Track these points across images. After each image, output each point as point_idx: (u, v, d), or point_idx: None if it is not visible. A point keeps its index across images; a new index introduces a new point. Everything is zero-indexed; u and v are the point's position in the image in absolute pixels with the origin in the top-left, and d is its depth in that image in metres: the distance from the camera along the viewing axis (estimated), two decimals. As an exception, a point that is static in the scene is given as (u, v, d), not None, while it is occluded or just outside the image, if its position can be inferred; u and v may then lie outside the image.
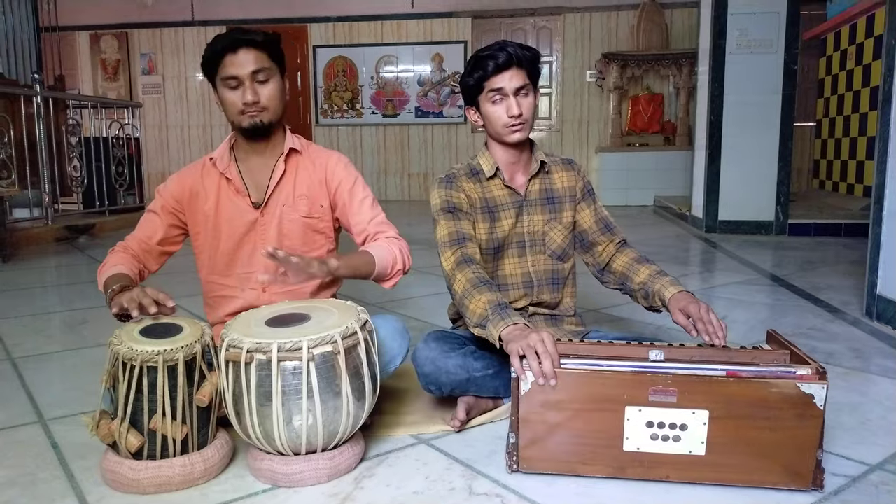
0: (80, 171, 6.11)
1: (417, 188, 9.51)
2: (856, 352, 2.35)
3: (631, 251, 1.88)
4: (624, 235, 1.92)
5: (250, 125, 1.69)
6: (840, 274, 3.77)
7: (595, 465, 1.40)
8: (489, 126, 1.80)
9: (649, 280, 1.77)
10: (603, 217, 1.92)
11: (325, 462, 1.42)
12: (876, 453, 1.54)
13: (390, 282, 1.75)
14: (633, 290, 1.82)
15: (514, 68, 1.72)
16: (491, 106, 1.76)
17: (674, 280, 1.74)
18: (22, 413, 1.86)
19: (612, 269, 1.88)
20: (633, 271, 1.82)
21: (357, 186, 1.81)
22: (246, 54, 1.63)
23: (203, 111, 9.83)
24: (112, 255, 1.73)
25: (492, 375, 1.70)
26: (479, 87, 1.76)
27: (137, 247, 1.76)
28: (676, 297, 1.68)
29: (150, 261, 1.78)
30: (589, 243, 1.92)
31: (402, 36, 9.31)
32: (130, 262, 1.71)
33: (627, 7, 8.73)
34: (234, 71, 1.64)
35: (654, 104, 8.64)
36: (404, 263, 1.74)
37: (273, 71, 1.68)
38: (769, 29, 5.30)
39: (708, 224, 5.58)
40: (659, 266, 1.82)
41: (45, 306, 3.32)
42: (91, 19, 9.79)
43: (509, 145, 1.82)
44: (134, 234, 1.78)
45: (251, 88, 1.65)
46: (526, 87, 1.74)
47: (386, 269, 1.70)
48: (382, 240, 1.74)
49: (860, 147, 6.49)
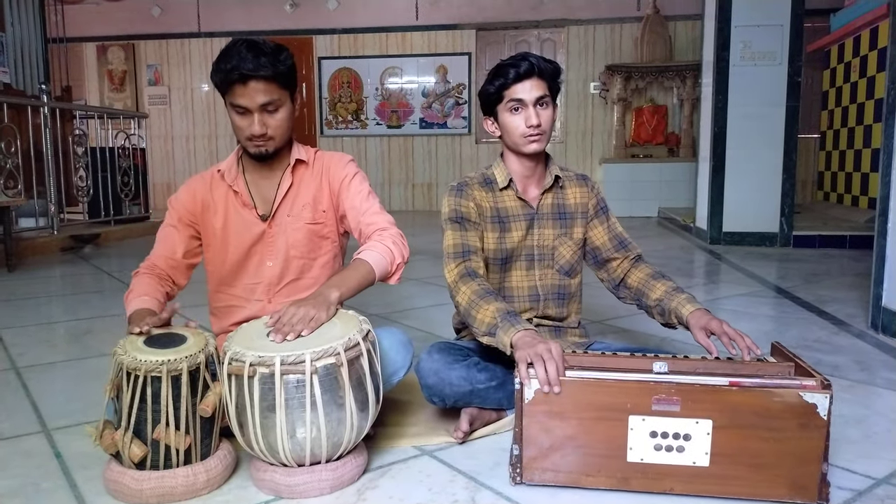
0: (85, 181, 6.14)
1: (421, 198, 9.53)
2: (861, 364, 2.34)
3: (646, 267, 1.87)
4: (639, 251, 1.91)
5: (256, 153, 1.70)
6: (845, 286, 3.76)
7: (599, 476, 1.39)
8: (506, 136, 1.79)
9: (665, 297, 1.76)
10: (617, 234, 1.92)
11: (329, 473, 1.42)
12: (882, 467, 1.53)
13: (394, 278, 1.71)
14: (650, 306, 1.81)
15: (534, 78, 1.72)
16: (510, 115, 1.75)
17: (690, 297, 1.73)
18: (26, 423, 1.86)
19: (628, 284, 1.88)
20: (648, 287, 1.81)
21: (355, 180, 1.78)
22: (256, 85, 1.60)
23: (208, 122, 9.88)
24: (137, 281, 1.71)
25: (495, 387, 1.70)
26: (499, 96, 1.75)
27: (164, 264, 1.76)
28: (695, 314, 1.66)
29: (179, 276, 1.79)
30: (603, 260, 1.91)
31: (406, 48, 9.37)
32: (156, 288, 1.70)
33: (631, 19, 8.77)
34: (243, 102, 1.62)
35: (657, 116, 8.66)
36: (402, 255, 1.69)
37: (283, 99, 1.66)
38: (773, 41, 5.32)
39: (712, 236, 5.58)
40: (675, 282, 1.81)
41: (50, 316, 3.33)
42: (98, 31, 9.88)
43: (525, 156, 1.81)
44: (157, 252, 1.78)
45: (259, 121, 1.63)
46: (545, 99, 1.74)
47: (386, 270, 1.66)
48: (374, 237, 1.69)
49: (865, 159, 6.49)
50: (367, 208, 1.75)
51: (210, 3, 9.64)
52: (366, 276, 1.61)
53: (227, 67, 1.59)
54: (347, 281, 1.57)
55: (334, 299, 1.51)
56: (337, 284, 1.55)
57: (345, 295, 1.55)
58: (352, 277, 1.58)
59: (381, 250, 1.66)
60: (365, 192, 1.78)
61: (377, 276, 1.64)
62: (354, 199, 1.77)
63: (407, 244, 1.73)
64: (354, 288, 1.58)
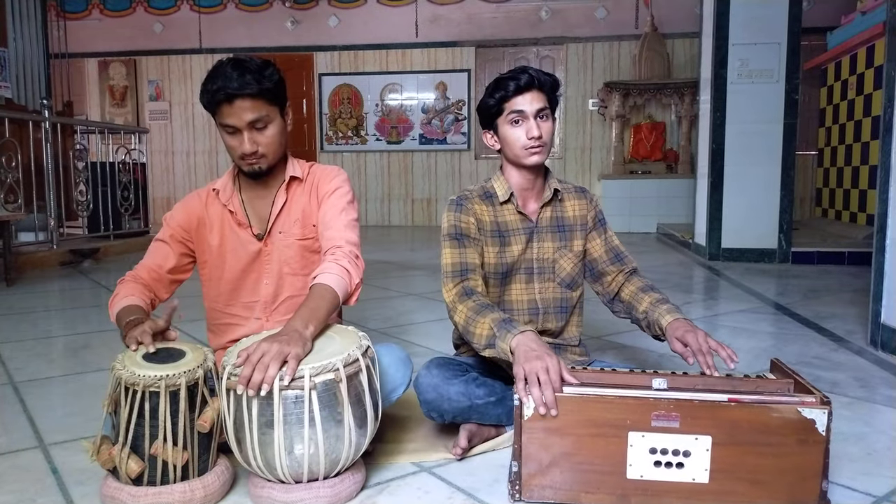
0: (85, 196, 6.15)
1: (421, 214, 9.55)
2: (860, 381, 2.34)
3: (638, 280, 1.87)
4: (635, 265, 1.91)
5: (250, 171, 1.69)
6: (844, 303, 3.76)
7: (598, 493, 1.38)
8: (507, 149, 1.79)
9: (650, 308, 1.76)
10: (613, 247, 1.92)
11: (327, 490, 1.41)
12: (882, 485, 1.53)
13: (352, 299, 1.65)
14: (638, 319, 1.81)
15: (535, 90, 1.73)
16: (510, 128, 1.75)
17: (672, 308, 1.73)
18: (23, 438, 1.85)
19: (621, 298, 1.88)
20: (636, 300, 1.81)
21: (336, 194, 1.75)
22: (242, 103, 1.58)
23: (208, 137, 9.92)
24: (122, 287, 1.70)
25: (494, 402, 1.69)
26: (500, 109, 1.75)
27: (148, 275, 1.74)
28: (673, 324, 1.68)
29: (161, 289, 1.77)
30: (598, 273, 1.91)
31: (406, 64, 9.43)
32: (141, 293, 1.69)
33: (629, 37, 8.84)
34: (231, 121, 1.61)
35: (656, 132, 8.70)
36: (359, 275, 1.63)
37: (272, 115, 1.64)
38: (770, 59, 5.36)
39: (711, 252, 5.58)
40: (662, 294, 1.81)
41: (48, 330, 3.32)
42: (100, 46, 9.94)
43: (526, 169, 1.81)
44: (144, 263, 1.77)
45: (249, 139, 1.62)
46: (545, 111, 1.74)
47: (346, 291, 1.60)
48: (328, 256, 1.64)
49: (862, 176, 6.51)
50: (334, 223, 1.71)
51: (211, 19, 9.72)
52: (332, 302, 1.54)
53: (213, 88, 1.58)
54: (317, 312, 1.50)
55: (309, 335, 1.44)
56: (307, 318, 1.47)
57: (318, 328, 1.48)
58: (321, 308, 1.51)
59: (339, 272, 1.59)
60: (339, 207, 1.73)
61: (341, 300, 1.58)
62: (327, 212, 1.73)
63: (362, 263, 1.67)
64: (324, 318, 1.51)
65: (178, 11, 9.81)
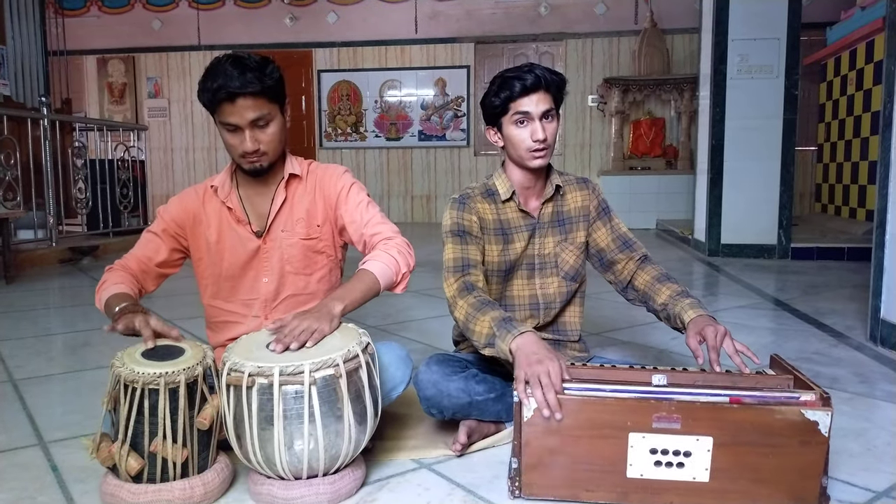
0: (84, 193, 6.14)
1: (420, 210, 9.55)
2: (860, 377, 2.34)
3: (652, 268, 1.84)
4: (644, 251, 1.89)
5: (251, 169, 1.69)
6: (844, 298, 3.76)
7: (598, 491, 1.38)
8: (511, 148, 1.77)
9: (670, 301, 1.73)
10: (621, 234, 1.89)
11: (326, 487, 1.41)
12: (882, 480, 1.53)
13: (399, 287, 1.68)
14: (656, 310, 1.79)
15: (541, 91, 1.70)
16: (515, 128, 1.73)
17: (695, 302, 1.70)
18: (22, 435, 1.85)
19: (635, 287, 1.85)
20: (654, 291, 1.78)
21: (352, 191, 1.76)
22: (244, 102, 1.57)
23: (207, 134, 9.91)
24: (111, 274, 1.69)
25: (494, 399, 1.69)
26: (505, 109, 1.72)
27: (136, 266, 1.73)
28: (696, 320, 1.64)
29: (148, 281, 1.76)
30: (608, 261, 1.89)
31: (405, 61, 9.41)
32: (130, 282, 1.68)
33: (629, 33, 8.82)
34: (233, 120, 1.60)
35: (655, 128, 8.69)
36: (408, 264, 1.67)
37: (273, 113, 1.63)
38: (769, 54, 5.35)
39: (710, 248, 5.58)
40: (681, 285, 1.78)
41: (48, 328, 3.32)
42: (98, 43, 9.93)
43: (529, 169, 1.80)
44: (133, 254, 1.75)
45: (251, 137, 1.61)
46: (551, 112, 1.72)
47: (392, 279, 1.64)
48: (379, 246, 1.67)
49: (862, 171, 6.51)
50: (369, 219, 1.73)
51: (210, 16, 9.70)
52: (370, 286, 1.59)
53: (214, 86, 1.57)
54: (352, 293, 1.56)
55: (337, 312, 1.50)
56: (340, 297, 1.54)
57: (349, 307, 1.53)
58: (356, 289, 1.57)
59: (386, 260, 1.63)
60: (364, 203, 1.76)
61: (382, 287, 1.62)
62: (354, 211, 1.75)
63: (413, 253, 1.70)
64: (359, 300, 1.56)
65: (177, 8, 9.79)
